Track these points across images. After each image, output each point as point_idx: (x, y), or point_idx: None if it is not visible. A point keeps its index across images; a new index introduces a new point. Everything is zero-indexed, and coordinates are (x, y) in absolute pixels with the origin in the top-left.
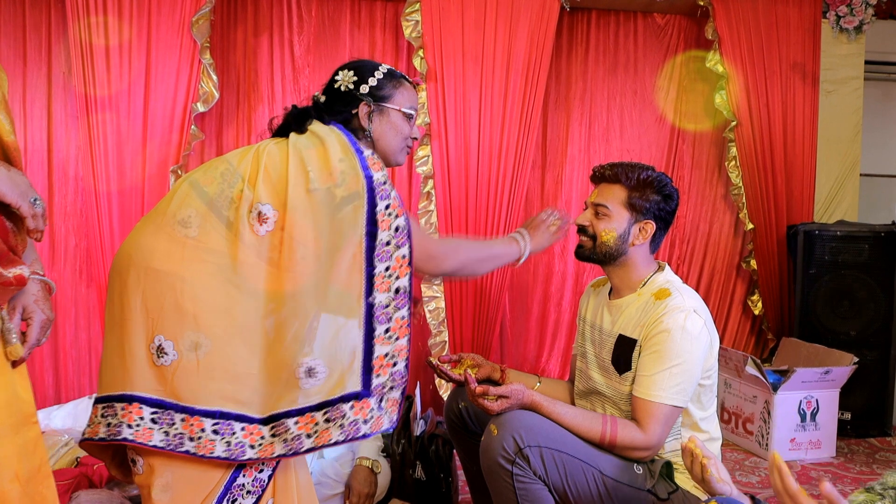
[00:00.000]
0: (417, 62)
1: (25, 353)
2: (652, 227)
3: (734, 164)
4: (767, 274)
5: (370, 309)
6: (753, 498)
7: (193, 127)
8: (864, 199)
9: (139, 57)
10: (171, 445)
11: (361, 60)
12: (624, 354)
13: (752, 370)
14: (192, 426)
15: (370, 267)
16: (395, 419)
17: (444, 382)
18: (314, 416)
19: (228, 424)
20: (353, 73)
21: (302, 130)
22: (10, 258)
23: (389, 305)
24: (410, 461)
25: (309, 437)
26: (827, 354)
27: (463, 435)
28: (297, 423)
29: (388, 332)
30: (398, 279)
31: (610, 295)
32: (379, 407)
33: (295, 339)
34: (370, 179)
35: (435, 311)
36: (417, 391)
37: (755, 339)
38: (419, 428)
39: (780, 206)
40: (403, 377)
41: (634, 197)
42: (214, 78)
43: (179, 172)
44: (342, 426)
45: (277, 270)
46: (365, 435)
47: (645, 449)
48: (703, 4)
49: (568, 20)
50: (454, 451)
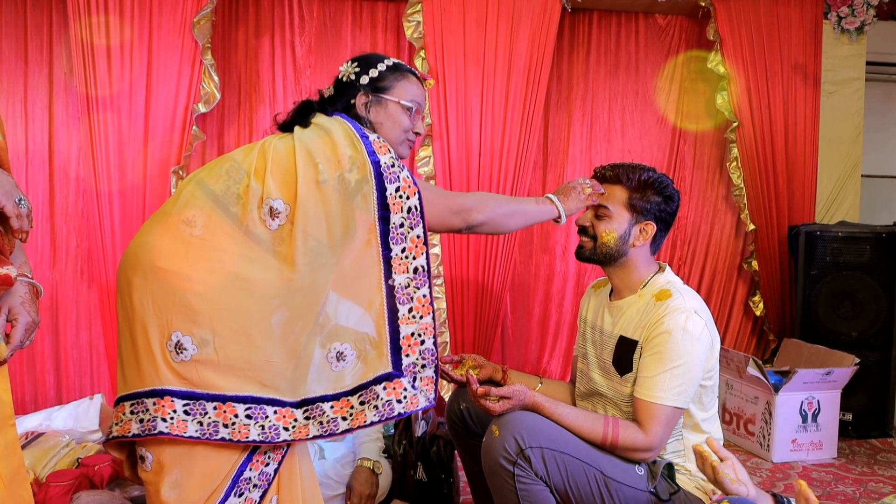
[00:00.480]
0: (419, 63)
1: (8, 354)
2: (652, 228)
3: (735, 164)
4: (769, 275)
5: (391, 291)
6: (776, 496)
7: (195, 128)
8: (865, 199)
9: (140, 57)
10: (206, 435)
11: (369, 53)
12: (625, 356)
13: (753, 371)
14: (224, 413)
15: (386, 250)
16: (432, 398)
17: (445, 383)
18: (349, 399)
19: (261, 408)
20: (356, 64)
21: (306, 124)
22: None
23: (409, 286)
24: (412, 462)
25: (344, 419)
26: (828, 355)
27: (464, 436)
28: (332, 407)
29: (411, 311)
30: (415, 259)
31: (611, 296)
32: (413, 386)
33: (316, 326)
34: (377, 164)
35: (436, 311)
36: None
37: (756, 339)
38: (420, 429)
39: (781, 206)
40: (434, 354)
41: (635, 198)
42: (216, 79)
43: (181, 173)
44: (376, 407)
45: (289, 263)
46: (400, 414)
47: (646, 450)
48: (704, 5)
49: (569, 21)
50: (455, 451)
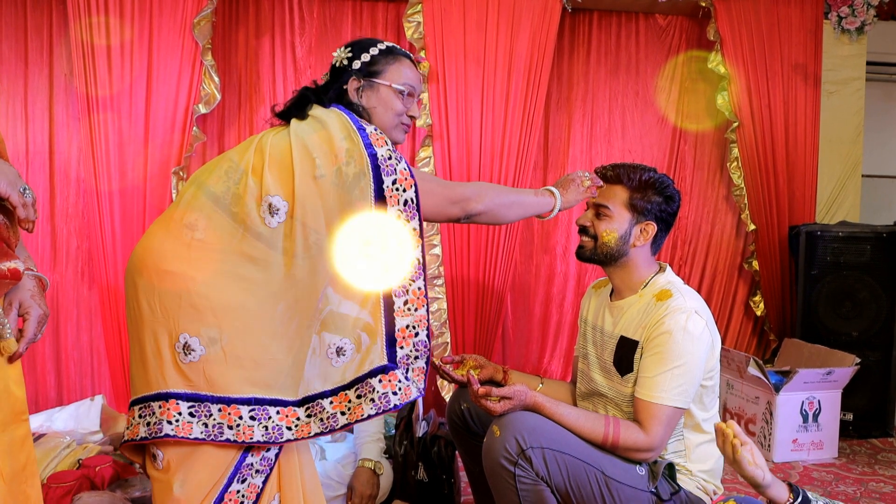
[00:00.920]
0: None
1: (22, 348)
2: (653, 228)
3: (736, 164)
4: (769, 275)
5: None
6: (791, 485)
7: (195, 128)
8: (865, 199)
9: (141, 58)
10: (211, 436)
11: (363, 38)
12: (626, 356)
13: (754, 371)
14: (229, 415)
15: None
16: (422, 388)
17: (446, 383)
18: (347, 394)
19: (264, 409)
20: (349, 49)
21: (303, 116)
22: (4, 251)
23: (405, 278)
24: (413, 462)
25: (343, 414)
26: (829, 355)
27: (465, 436)
28: (331, 402)
29: (406, 304)
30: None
31: (611, 296)
32: (406, 378)
33: (317, 322)
34: (374, 157)
35: (437, 312)
36: None
37: (757, 339)
38: (421, 429)
39: (781, 206)
40: (427, 346)
41: (636, 198)
42: (216, 79)
43: (181, 174)
44: (373, 400)
45: (291, 259)
46: (396, 406)
47: (647, 450)
48: (704, 5)
49: (570, 21)
50: (456, 452)
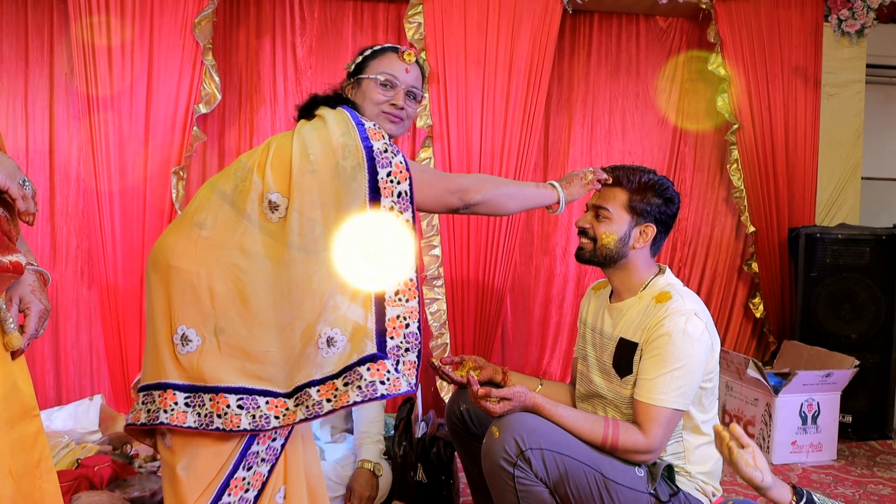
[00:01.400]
0: None
1: (25, 343)
2: (652, 230)
3: (736, 166)
4: (769, 277)
5: None
6: (795, 487)
7: (195, 128)
8: (865, 202)
9: (141, 58)
10: (203, 425)
11: (370, 46)
12: (625, 358)
13: (753, 373)
14: (217, 404)
15: None
16: (413, 383)
17: (445, 384)
18: (335, 382)
19: (252, 399)
20: (356, 57)
21: (310, 117)
22: (5, 244)
23: None
24: (412, 463)
25: (329, 401)
26: (828, 357)
27: (464, 437)
28: (318, 391)
29: (397, 294)
30: None
31: (611, 298)
32: (396, 370)
33: (314, 313)
34: (370, 150)
35: (437, 313)
36: (419, 393)
37: (756, 341)
38: (420, 430)
39: (781, 209)
40: (417, 338)
41: (635, 200)
42: (217, 79)
43: (181, 174)
44: (360, 388)
45: (287, 252)
46: (383, 395)
47: (646, 452)
48: (704, 7)
49: (570, 23)
50: (455, 453)
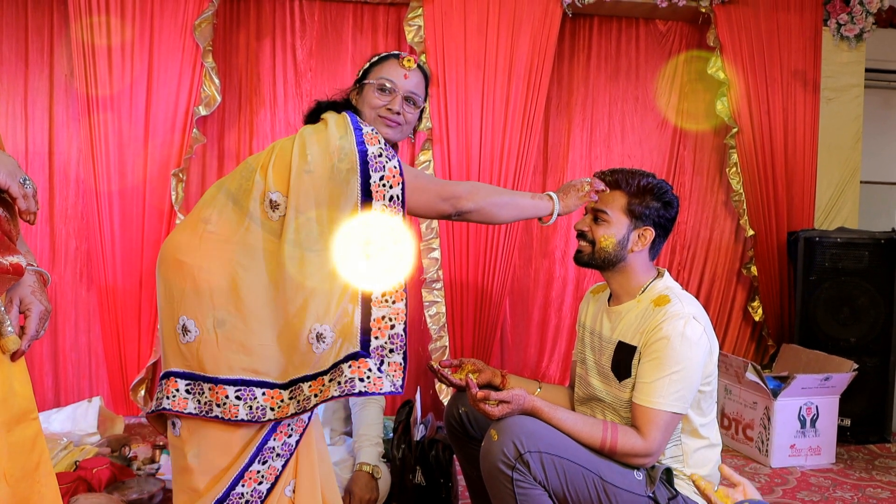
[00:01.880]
0: None
1: (25, 345)
2: (651, 233)
3: (735, 170)
4: (768, 280)
5: None
6: None
7: (195, 130)
8: (864, 206)
9: (141, 59)
10: (202, 412)
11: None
12: (624, 361)
13: (752, 376)
14: (217, 394)
15: None
16: (399, 384)
17: (444, 387)
18: (323, 378)
19: (250, 390)
20: (364, 64)
21: (315, 121)
22: (6, 245)
23: None
24: (411, 466)
25: (315, 396)
26: (827, 361)
27: (463, 440)
28: (310, 386)
29: (384, 295)
30: None
31: (609, 301)
32: (379, 370)
33: (306, 309)
34: (363, 154)
35: (435, 315)
36: (418, 396)
37: (755, 345)
38: (419, 433)
39: (780, 212)
40: (403, 340)
41: (634, 203)
42: (216, 81)
43: (181, 175)
44: (339, 383)
45: (284, 248)
46: (361, 392)
47: (645, 455)
48: (704, 11)
49: (570, 26)
50: (454, 456)
